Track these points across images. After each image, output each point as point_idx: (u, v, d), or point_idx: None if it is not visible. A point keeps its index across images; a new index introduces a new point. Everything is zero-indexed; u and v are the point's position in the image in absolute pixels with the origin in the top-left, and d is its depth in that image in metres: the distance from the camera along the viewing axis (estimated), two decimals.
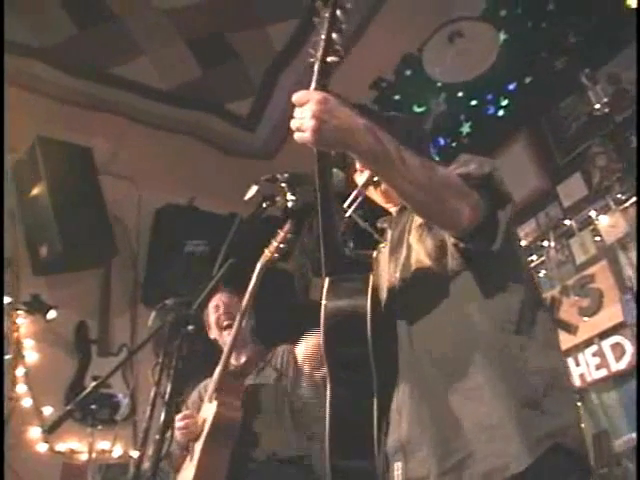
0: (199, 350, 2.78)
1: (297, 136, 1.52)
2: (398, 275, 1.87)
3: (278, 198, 2.36)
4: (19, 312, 4.59)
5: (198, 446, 2.81)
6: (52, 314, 4.59)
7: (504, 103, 5.02)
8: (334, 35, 1.57)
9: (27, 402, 4.51)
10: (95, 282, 5.00)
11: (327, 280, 1.85)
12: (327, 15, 1.56)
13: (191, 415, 2.93)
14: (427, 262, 1.80)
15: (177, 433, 2.81)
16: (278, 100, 4.90)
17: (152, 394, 2.21)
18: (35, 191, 4.65)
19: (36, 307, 4.53)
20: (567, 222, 4.53)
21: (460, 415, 1.63)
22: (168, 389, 2.23)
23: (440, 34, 4.40)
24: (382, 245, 2.07)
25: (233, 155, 5.35)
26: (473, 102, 5.09)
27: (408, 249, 1.89)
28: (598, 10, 4.47)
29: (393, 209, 2.08)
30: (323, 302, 1.81)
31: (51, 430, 2.75)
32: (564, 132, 4.74)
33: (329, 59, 1.58)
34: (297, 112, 1.52)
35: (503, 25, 4.65)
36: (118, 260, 5.04)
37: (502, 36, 4.63)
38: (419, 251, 1.83)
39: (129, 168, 5.16)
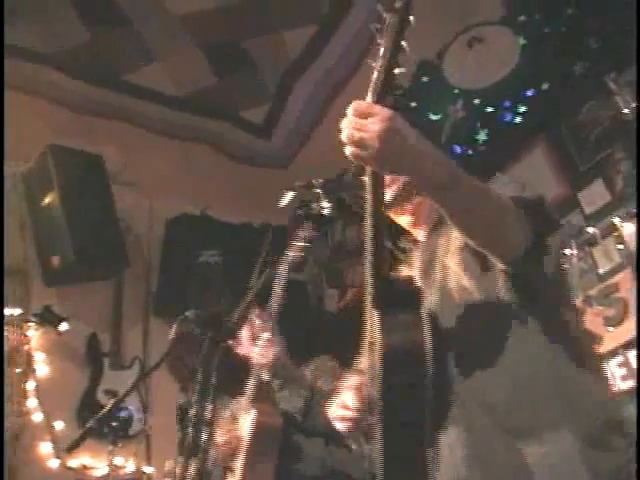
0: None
1: (354, 152, 1.36)
2: (435, 300, 1.73)
3: (314, 205, 2.27)
4: (30, 324, 4.48)
5: (239, 462, 2.69)
6: (64, 326, 4.48)
7: (522, 110, 4.94)
8: (403, 43, 1.39)
9: (38, 417, 4.39)
10: (106, 294, 4.89)
11: (376, 313, 1.68)
12: (396, 21, 1.38)
13: (233, 429, 2.81)
14: (473, 290, 1.67)
15: (216, 451, 2.71)
16: (293, 108, 4.81)
17: (193, 413, 2.12)
18: (47, 200, 4.54)
19: (48, 319, 4.42)
20: (590, 230, 4.43)
21: (522, 457, 1.52)
22: (208, 407, 2.15)
23: (460, 39, 4.35)
24: (403, 267, 1.94)
25: (246, 164, 5.26)
26: (489, 109, 5.01)
27: (444, 272, 1.75)
28: (618, 15, 4.41)
29: (419, 231, 1.94)
30: (378, 338, 1.66)
31: (71, 449, 2.66)
32: (585, 138, 4.66)
33: (396, 70, 1.40)
34: (354, 123, 1.35)
35: (522, 31, 4.58)
36: (130, 271, 4.93)
37: (521, 41, 4.56)
38: (461, 277, 1.70)
39: (140, 177, 5.06)
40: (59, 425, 4.42)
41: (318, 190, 2.15)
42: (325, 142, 5.16)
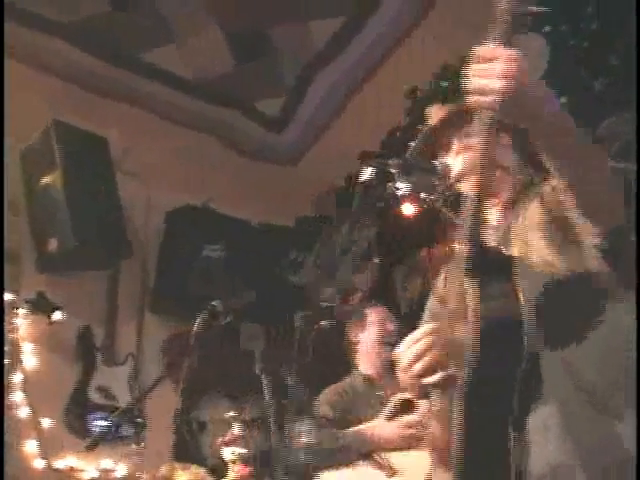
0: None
1: (478, 99, 1.34)
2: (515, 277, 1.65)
3: (390, 184, 2.13)
4: (19, 312, 4.13)
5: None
6: (57, 315, 4.12)
7: None
8: None
9: (23, 412, 4.03)
10: (100, 285, 4.56)
11: (471, 281, 1.61)
12: None
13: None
14: (558, 264, 1.60)
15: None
16: (310, 102, 4.61)
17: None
18: (46, 179, 4.20)
19: (41, 306, 4.08)
20: None
21: (614, 435, 1.47)
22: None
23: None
24: None
25: (254, 158, 5.03)
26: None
27: (524, 248, 1.67)
28: None
29: (485, 207, 1.79)
30: (472, 305, 1.58)
31: (91, 447, 2.51)
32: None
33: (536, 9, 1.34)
34: (478, 70, 1.33)
35: (546, 40, 4.53)
36: (126, 263, 4.60)
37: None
38: (543, 250, 1.63)
39: (142, 165, 4.74)
40: (46, 422, 4.08)
41: (394, 170, 2.02)
42: (340, 139, 5.04)
